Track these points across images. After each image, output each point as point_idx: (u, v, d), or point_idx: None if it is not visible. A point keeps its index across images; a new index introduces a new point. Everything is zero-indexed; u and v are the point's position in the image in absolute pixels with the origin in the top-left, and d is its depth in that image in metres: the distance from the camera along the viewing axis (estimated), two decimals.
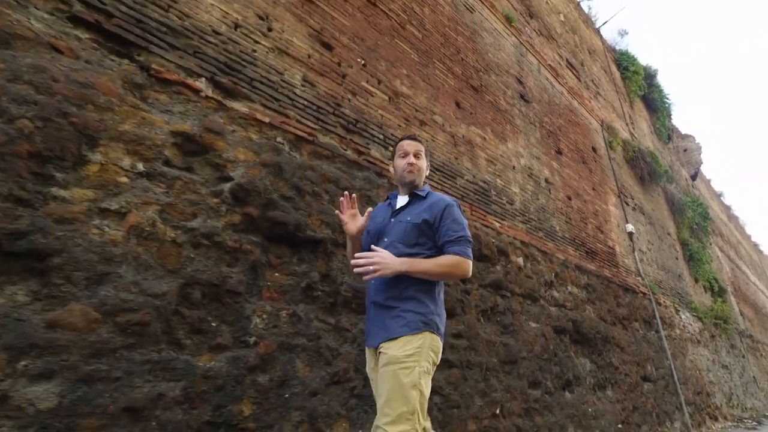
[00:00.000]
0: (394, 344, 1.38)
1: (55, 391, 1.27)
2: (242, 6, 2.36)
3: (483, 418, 2.58)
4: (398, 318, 1.42)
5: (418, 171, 1.64)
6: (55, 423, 1.25)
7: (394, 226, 1.56)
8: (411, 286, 1.45)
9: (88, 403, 1.31)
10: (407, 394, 1.30)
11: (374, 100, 2.98)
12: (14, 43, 1.48)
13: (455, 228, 1.50)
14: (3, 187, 1.32)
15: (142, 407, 1.40)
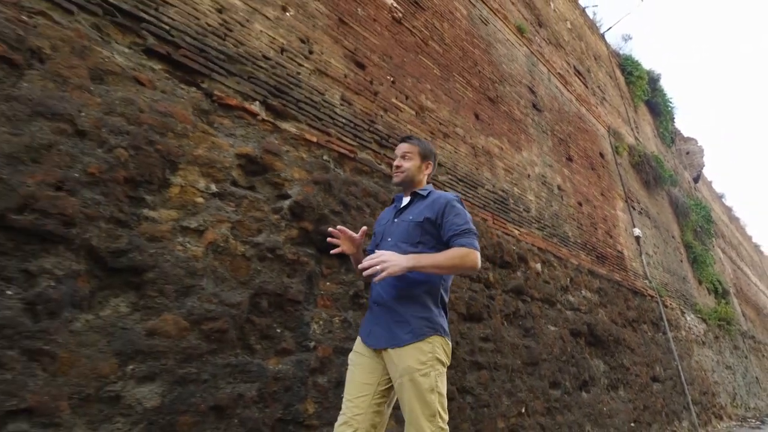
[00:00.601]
0: (404, 354, 1.39)
1: (158, 392, 1.45)
2: (286, 31, 2.54)
3: (510, 416, 2.76)
4: (403, 324, 1.42)
5: (404, 172, 1.66)
6: (159, 420, 1.42)
7: (397, 226, 1.59)
8: (415, 287, 1.46)
9: (183, 402, 1.49)
10: (428, 398, 1.34)
11: (403, 116, 3.16)
12: (106, 78, 1.66)
13: (458, 222, 1.49)
14: (105, 211, 1.50)
15: (225, 406, 1.58)
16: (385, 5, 3.44)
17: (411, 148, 1.71)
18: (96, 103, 1.58)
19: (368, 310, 1.59)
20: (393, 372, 1.41)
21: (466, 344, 2.69)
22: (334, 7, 2.94)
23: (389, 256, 1.39)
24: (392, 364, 1.41)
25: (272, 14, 2.50)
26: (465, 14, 4.54)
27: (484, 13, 4.93)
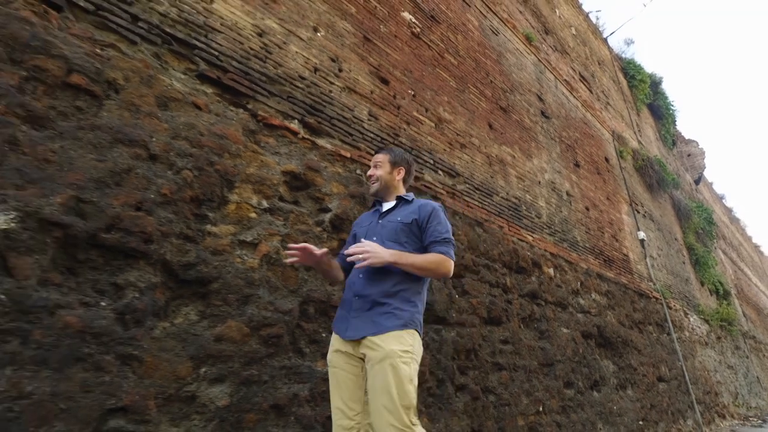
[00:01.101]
0: (386, 339, 1.40)
1: (227, 392, 1.61)
2: (318, 51, 2.70)
3: (529, 414, 2.93)
4: (389, 314, 1.46)
5: (377, 180, 1.75)
6: (228, 417, 1.58)
7: (383, 227, 1.64)
8: (401, 283, 1.51)
9: (248, 401, 1.65)
10: (406, 387, 1.34)
11: (424, 128, 3.33)
12: (170, 104, 1.82)
13: (440, 230, 1.58)
14: (176, 227, 1.66)
15: (283, 405, 1.74)
16: (404, 21, 3.61)
17: (381, 158, 1.80)
18: (164, 129, 1.74)
19: (343, 305, 1.59)
20: (372, 357, 1.40)
21: (487, 346, 2.85)
22: (359, 25, 3.11)
23: (373, 246, 1.46)
24: (372, 351, 1.41)
25: (305, 35, 2.66)
26: (477, 25, 4.71)
27: (494, 24, 5.10)
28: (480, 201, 3.57)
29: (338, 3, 3.01)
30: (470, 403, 2.55)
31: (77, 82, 1.56)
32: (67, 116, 1.52)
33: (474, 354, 2.72)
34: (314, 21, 2.76)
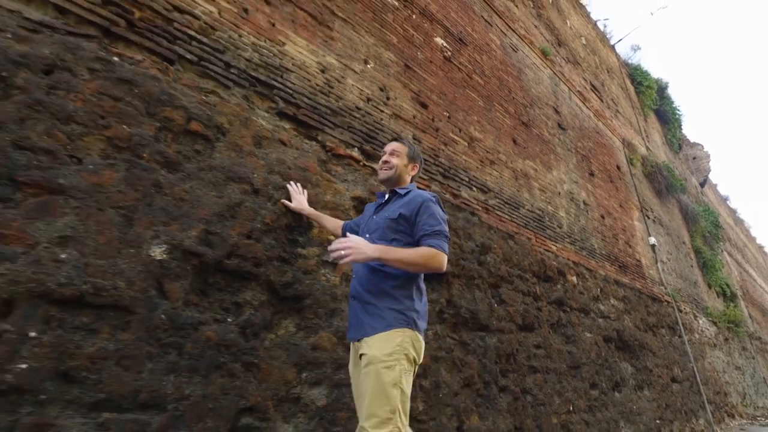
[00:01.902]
0: (373, 342, 1.42)
1: (324, 393, 1.89)
2: (369, 82, 2.99)
3: (561, 413, 3.22)
4: (374, 315, 1.46)
5: (391, 168, 1.73)
6: (326, 415, 1.87)
7: (375, 223, 1.66)
8: (386, 281, 1.50)
9: (340, 401, 1.93)
10: (388, 392, 1.33)
11: (458, 148, 3.61)
12: (263, 142, 2.10)
13: (431, 222, 1.53)
14: (276, 252, 1.94)
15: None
16: (437, 46, 3.89)
17: (400, 148, 1.78)
18: (261, 165, 2.03)
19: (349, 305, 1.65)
20: (361, 364, 1.43)
21: (523, 351, 3.14)
22: (400, 54, 3.39)
23: (357, 242, 1.44)
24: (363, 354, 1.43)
25: (358, 68, 2.95)
26: (499, 44, 5.00)
27: (513, 41, 5.39)
28: (509, 214, 3.86)
29: (382, 34, 3.30)
30: (512, 402, 2.84)
31: (195, 129, 1.85)
32: (189, 159, 1.80)
33: (513, 358, 3.01)
34: (364, 54, 3.05)
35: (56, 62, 1.56)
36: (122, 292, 1.43)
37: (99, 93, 1.62)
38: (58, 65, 1.56)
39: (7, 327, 1.21)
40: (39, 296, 1.28)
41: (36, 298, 1.27)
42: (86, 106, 1.57)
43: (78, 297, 1.34)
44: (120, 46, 1.80)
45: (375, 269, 1.52)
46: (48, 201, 1.38)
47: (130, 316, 1.43)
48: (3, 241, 1.27)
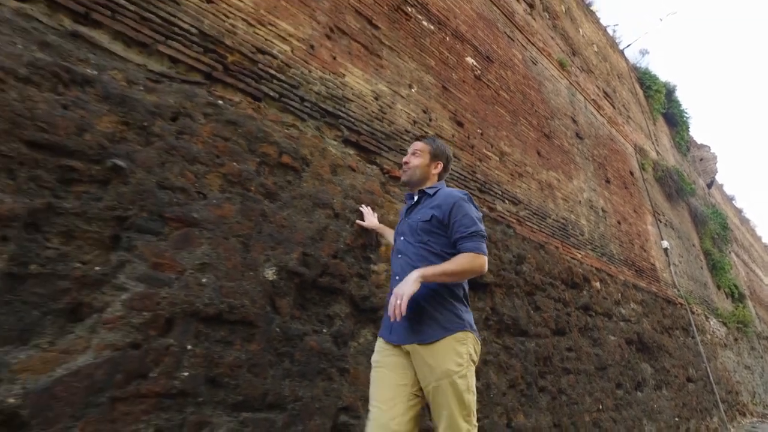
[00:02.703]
0: (438, 354, 1.43)
1: None
2: (414, 106, 3.25)
3: (592, 411, 3.49)
4: (430, 320, 1.46)
5: (410, 169, 1.74)
6: None
7: (407, 225, 1.67)
8: (434, 284, 1.50)
9: None
10: (466, 399, 1.43)
11: (491, 163, 3.88)
12: (338, 170, 2.37)
13: (467, 223, 1.52)
14: (355, 269, 2.20)
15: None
16: (468, 65, 4.16)
17: (422, 146, 1.77)
18: (338, 191, 2.29)
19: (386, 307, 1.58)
20: (427, 374, 1.44)
21: (557, 354, 3.41)
22: (438, 76, 3.66)
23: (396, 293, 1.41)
24: (424, 364, 1.44)
25: (404, 93, 3.21)
26: (521, 59, 5.26)
27: (533, 54, 5.65)
28: (538, 224, 4.12)
29: (422, 58, 3.56)
30: (550, 401, 3.11)
31: (286, 161, 2.11)
32: (284, 189, 2.06)
33: (549, 361, 3.28)
34: (409, 79, 3.31)
35: (179, 110, 1.82)
36: (248, 309, 1.69)
37: (213, 135, 1.88)
38: (181, 112, 1.82)
39: (171, 341, 1.47)
40: (191, 315, 1.54)
41: (189, 317, 1.54)
42: (205, 147, 1.83)
43: (217, 315, 1.61)
44: (219, 89, 2.06)
45: None
46: (188, 233, 1.64)
47: (255, 329, 1.70)
48: (160, 269, 1.53)
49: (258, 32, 2.35)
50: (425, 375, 1.46)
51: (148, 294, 1.48)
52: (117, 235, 1.50)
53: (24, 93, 1.43)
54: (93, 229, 1.46)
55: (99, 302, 1.40)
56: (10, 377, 1.20)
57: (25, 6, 1.60)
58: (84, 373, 1.30)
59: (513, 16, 5.51)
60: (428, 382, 1.45)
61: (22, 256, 1.31)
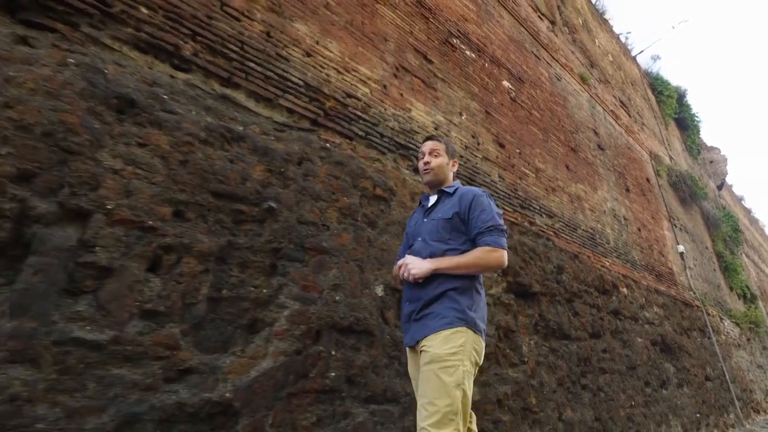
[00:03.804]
0: (434, 341, 1.42)
1: (476, 390, 2.56)
2: (465, 132, 3.65)
3: (626, 407, 3.89)
4: (435, 315, 1.48)
5: (434, 169, 1.73)
6: (480, 407, 2.53)
7: (426, 225, 1.66)
8: (445, 284, 1.51)
9: (485, 397, 2.60)
10: (451, 393, 1.34)
11: (529, 180, 4.28)
12: (415, 197, 2.77)
13: (484, 218, 1.54)
14: None
15: (501, 399, 2.69)
16: (504, 89, 4.55)
17: (438, 146, 1.76)
18: None
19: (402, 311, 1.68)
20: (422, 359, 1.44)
21: (594, 355, 3.81)
22: (481, 101, 4.06)
23: (411, 260, 1.53)
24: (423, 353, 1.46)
25: (456, 120, 3.61)
26: (547, 77, 5.66)
27: (557, 71, 6.05)
28: (570, 235, 4.52)
29: (467, 86, 3.96)
30: (591, 398, 3.51)
31: (379, 193, 2.52)
32: (379, 217, 2.47)
33: (588, 361, 3.68)
34: (459, 107, 3.71)
35: (302, 155, 2.22)
36: (368, 321, 2.10)
37: (328, 175, 2.28)
38: (304, 157, 2.22)
39: (321, 348, 1.88)
40: (331, 327, 1.95)
41: (330, 328, 1.94)
42: (323, 186, 2.24)
43: (349, 326, 2.01)
44: (323, 132, 2.47)
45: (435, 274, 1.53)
46: (321, 259, 2.05)
47: (373, 338, 2.10)
48: (307, 290, 1.94)
49: (345, 78, 2.75)
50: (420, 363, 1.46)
51: (302, 310, 1.88)
52: (274, 263, 1.91)
53: (206, 152, 1.84)
54: (258, 259, 1.86)
55: (269, 318, 1.81)
56: (222, 377, 1.61)
57: (189, 77, 2.01)
58: (270, 374, 1.70)
59: (538, 35, 5.90)
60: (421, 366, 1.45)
61: (217, 284, 1.72)
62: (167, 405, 1.44)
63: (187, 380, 1.52)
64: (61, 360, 1.29)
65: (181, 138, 1.78)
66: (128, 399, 1.37)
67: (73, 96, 1.56)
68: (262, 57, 2.31)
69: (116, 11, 1.83)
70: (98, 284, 1.44)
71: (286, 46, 2.47)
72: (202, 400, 1.52)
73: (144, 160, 1.65)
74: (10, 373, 1.20)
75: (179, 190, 1.70)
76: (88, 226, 1.46)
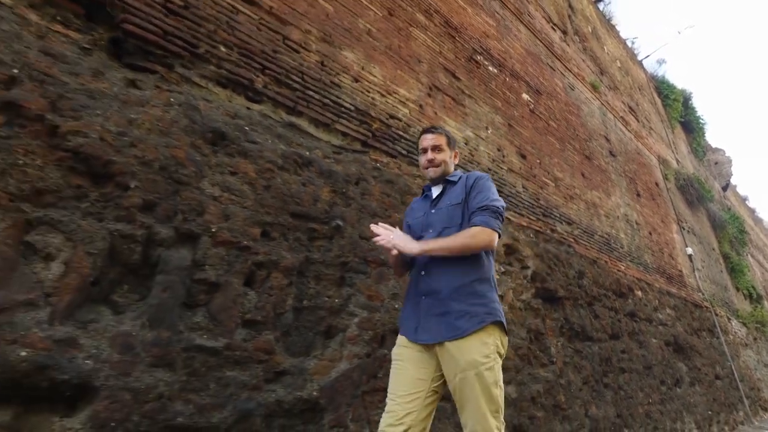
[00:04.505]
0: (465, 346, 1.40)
1: (514, 389, 2.79)
2: (491, 145, 3.88)
3: (644, 404, 4.12)
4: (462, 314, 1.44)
5: (439, 165, 1.69)
6: (515, 405, 2.76)
7: (436, 215, 1.63)
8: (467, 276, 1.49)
9: (521, 395, 2.83)
10: (493, 393, 1.39)
11: (549, 189, 4.51)
12: None
13: (479, 198, 1.54)
14: None
15: (534, 397, 2.92)
16: (524, 101, 4.79)
17: (440, 139, 1.72)
18: None
19: (410, 303, 1.62)
20: (452, 366, 1.41)
21: (614, 355, 4.04)
22: (504, 115, 4.29)
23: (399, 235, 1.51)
24: (451, 358, 1.42)
25: (483, 135, 3.84)
26: (561, 87, 5.89)
27: (570, 80, 6.28)
28: (588, 242, 4.75)
29: (491, 101, 4.19)
30: (613, 396, 3.74)
31: None
32: None
33: (609, 361, 3.91)
34: (485, 122, 3.94)
35: (359, 175, 2.46)
36: None
37: (381, 193, 2.52)
38: (360, 177, 2.46)
39: (386, 351, 2.11)
40: (392, 332, 2.18)
41: (391, 333, 2.17)
42: (378, 204, 2.47)
43: None
44: (372, 153, 2.70)
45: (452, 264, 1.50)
46: (381, 271, 2.28)
47: None
48: (372, 299, 2.17)
49: (388, 101, 2.98)
50: (451, 369, 1.42)
51: (369, 318, 2.12)
52: (343, 275, 2.14)
53: (283, 177, 2.07)
54: (330, 272, 2.10)
55: (342, 325, 2.04)
56: (309, 378, 1.84)
57: (261, 108, 2.24)
58: (347, 375, 1.94)
59: (552, 46, 6.13)
60: (454, 375, 1.41)
61: (299, 295, 1.95)
62: (269, 402, 1.68)
63: (282, 381, 1.76)
64: (189, 364, 1.53)
65: (263, 165, 2.02)
66: (240, 397, 1.60)
67: (179, 132, 1.79)
68: (319, 85, 2.54)
69: (201, 51, 2.07)
70: (209, 298, 1.67)
71: (338, 74, 2.70)
72: (295, 398, 1.75)
73: (236, 187, 1.89)
74: (156, 375, 1.43)
75: (265, 212, 1.94)
76: (198, 247, 1.69)
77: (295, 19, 2.57)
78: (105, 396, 1.32)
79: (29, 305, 1.30)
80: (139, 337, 1.45)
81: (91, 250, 1.44)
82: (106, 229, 1.50)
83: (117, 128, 1.62)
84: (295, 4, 2.61)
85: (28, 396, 1.26)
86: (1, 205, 1.34)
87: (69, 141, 1.49)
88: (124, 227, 1.53)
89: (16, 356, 1.22)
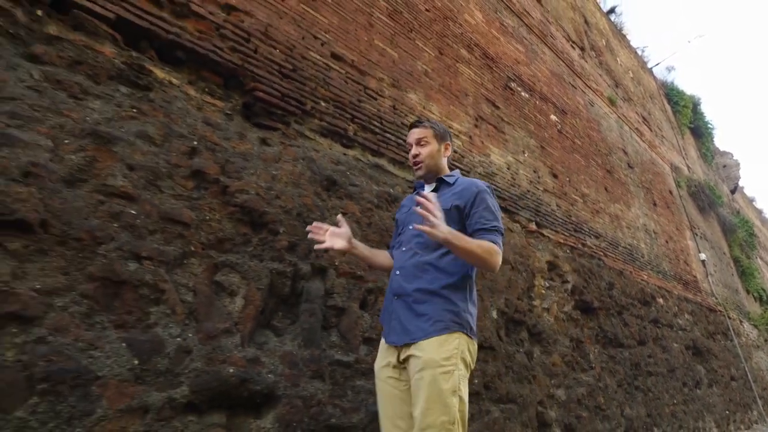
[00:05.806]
0: (427, 345, 1.37)
1: (564, 393, 3.20)
2: (529, 168, 4.29)
3: (670, 405, 4.53)
4: (426, 317, 1.41)
5: (424, 161, 1.64)
6: (566, 406, 3.17)
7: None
8: (440, 280, 1.46)
9: (569, 397, 3.23)
10: (447, 401, 1.30)
11: (578, 205, 4.92)
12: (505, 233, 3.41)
13: (488, 217, 1.50)
14: (526, 305, 3.24)
15: (579, 399, 3.33)
16: (552, 122, 5.20)
17: (425, 133, 1.66)
18: (508, 250, 3.33)
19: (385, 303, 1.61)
20: (412, 368, 1.38)
21: (642, 360, 4.45)
22: (537, 137, 4.70)
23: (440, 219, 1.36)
24: (414, 359, 1.39)
25: (522, 159, 4.25)
26: (583, 104, 6.30)
27: (590, 97, 6.69)
28: (613, 253, 5.16)
29: (525, 125, 4.60)
30: (643, 397, 4.15)
31: None
32: None
33: (638, 366, 4.32)
34: (522, 146, 4.35)
35: None
36: (491, 339, 2.74)
37: None
38: None
39: None
40: None
41: None
42: None
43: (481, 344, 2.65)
44: None
45: (426, 265, 1.49)
46: None
47: (495, 351, 2.74)
48: None
49: None
50: (411, 370, 1.39)
51: None
52: None
53: (379, 214, 2.48)
54: None
55: None
56: None
57: (355, 153, 2.65)
58: None
59: (572, 64, 6.54)
60: (412, 377, 1.39)
61: None
62: None
63: None
64: (333, 376, 1.93)
65: (365, 205, 2.43)
66: (369, 402, 2.01)
67: (306, 183, 2.20)
68: (393, 127, 2.95)
69: (308, 108, 2.47)
70: (338, 320, 2.08)
71: (406, 115, 3.11)
72: None
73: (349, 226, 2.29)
74: (315, 385, 1.84)
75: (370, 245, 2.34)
76: (327, 278, 2.10)
77: (371, 69, 2.98)
78: (285, 402, 1.73)
79: (227, 332, 1.70)
80: (299, 355, 1.85)
81: (260, 285, 1.85)
82: (267, 268, 1.90)
83: (266, 183, 2.03)
84: (369, 55, 3.02)
85: (231, 404, 1.66)
86: (198, 253, 1.74)
87: (237, 198, 1.90)
88: (278, 266, 1.94)
89: (227, 373, 1.62)
